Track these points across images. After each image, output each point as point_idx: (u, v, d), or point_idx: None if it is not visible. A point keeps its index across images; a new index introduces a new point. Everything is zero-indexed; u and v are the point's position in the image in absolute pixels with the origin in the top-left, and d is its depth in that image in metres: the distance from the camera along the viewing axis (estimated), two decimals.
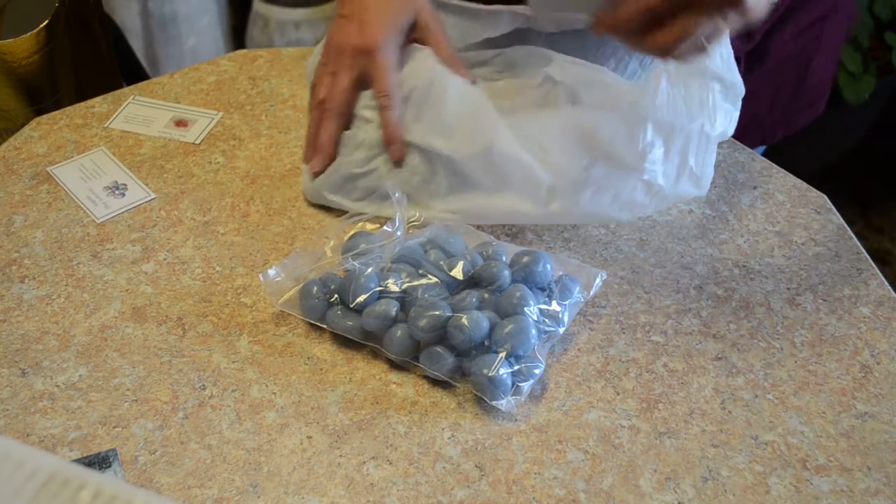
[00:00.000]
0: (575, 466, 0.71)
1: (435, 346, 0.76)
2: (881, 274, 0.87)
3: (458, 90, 0.87)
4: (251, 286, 0.83)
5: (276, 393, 0.75)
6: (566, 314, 0.79)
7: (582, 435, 0.73)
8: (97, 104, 1.02)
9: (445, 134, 0.86)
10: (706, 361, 0.79)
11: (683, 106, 0.83)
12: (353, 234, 0.84)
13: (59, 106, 1.04)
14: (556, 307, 0.78)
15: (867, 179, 2.18)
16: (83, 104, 1.02)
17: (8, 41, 1.11)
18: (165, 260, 0.86)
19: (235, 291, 0.83)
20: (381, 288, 0.78)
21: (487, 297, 0.78)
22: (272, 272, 0.81)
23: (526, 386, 0.74)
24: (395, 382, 0.76)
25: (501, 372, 0.73)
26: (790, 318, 0.83)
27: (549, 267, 0.80)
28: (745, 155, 0.99)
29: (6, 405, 0.74)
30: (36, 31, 1.12)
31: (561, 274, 0.81)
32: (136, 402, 0.74)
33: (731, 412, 0.75)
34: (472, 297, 0.77)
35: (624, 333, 0.81)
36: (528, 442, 0.73)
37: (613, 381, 0.77)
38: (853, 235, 0.91)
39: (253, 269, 0.85)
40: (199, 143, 0.98)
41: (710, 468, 0.71)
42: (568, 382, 0.77)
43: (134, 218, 0.90)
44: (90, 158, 0.96)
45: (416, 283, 0.78)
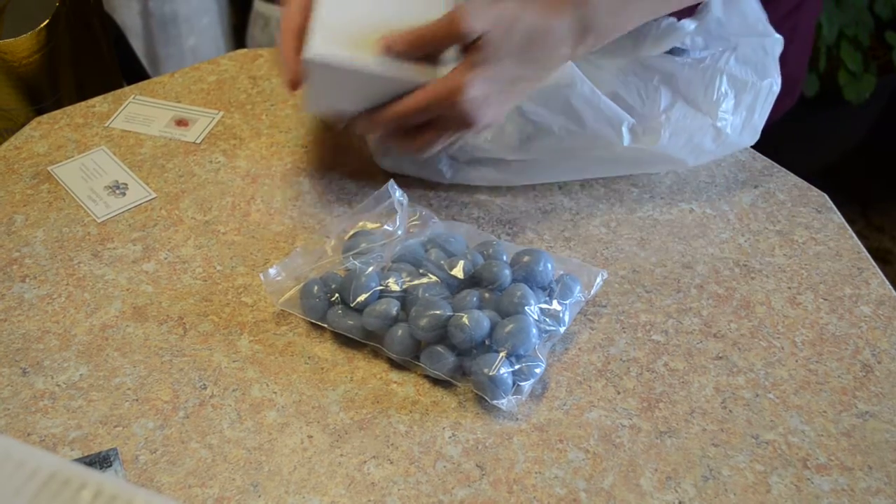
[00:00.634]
0: (576, 466, 0.71)
1: (436, 345, 0.76)
2: (882, 273, 0.87)
3: None
4: (252, 285, 0.83)
5: (276, 392, 0.75)
6: (567, 313, 0.79)
7: (583, 434, 0.73)
8: (98, 104, 1.02)
9: None
10: (707, 360, 0.79)
11: (754, 64, 0.91)
12: (353, 233, 0.84)
13: (59, 105, 1.04)
14: (556, 306, 0.78)
15: (868, 178, 2.18)
16: (84, 103, 1.02)
17: (8, 41, 1.11)
18: (166, 259, 0.86)
19: (236, 291, 0.83)
20: (381, 287, 0.78)
21: (488, 296, 0.78)
22: (273, 271, 0.81)
23: (527, 385, 0.74)
24: (395, 382, 0.76)
25: (502, 371, 0.73)
26: (791, 317, 0.83)
27: (549, 266, 0.80)
28: (745, 154, 0.99)
29: (7, 404, 0.74)
30: (36, 30, 1.12)
31: (562, 273, 0.81)
32: (136, 401, 0.74)
33: (731, 411, 0.75)
34: (472, 296, 0.77)
35: (625, 332, 0.81)
36: (528, 441, 0.73)
37: (614, 380, 0.77)
38: (854, 234, 0.91)
39: (254, 268, 0.85)
40: (199, 142, 0.98)
41: (710, 467, 0.71)
42: (569, 382, 0.77)
43: (135, 217, 0.90)
44: (91, 158, 0.96)
45: (416, 282, 0.78)
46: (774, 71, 0.92)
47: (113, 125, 1.00)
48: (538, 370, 0.75)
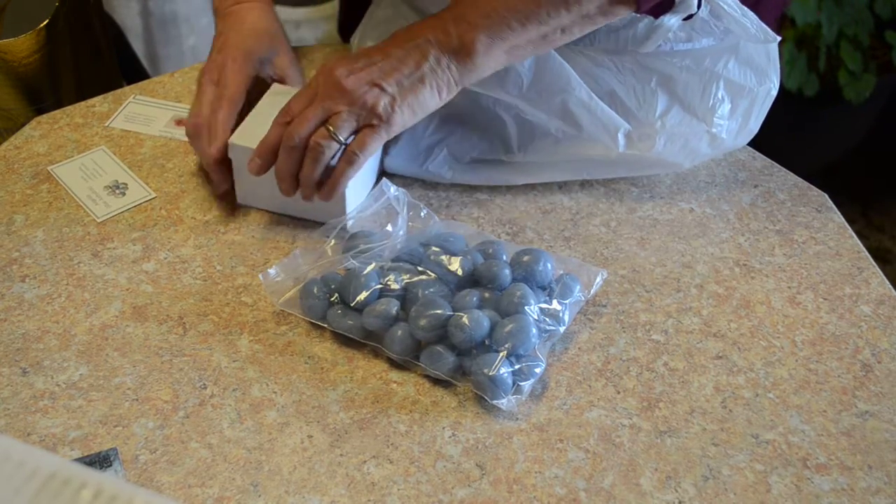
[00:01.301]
0: (576, 465, 0.71)
1: (436, 345, 0.76)
2: (882, 272, 0.87)
3: None
4: (252, 285, 0.83)
5: (276, 392, 0.75)
6: (567, 313, 0.79)
7: (583, 434, 0.73)
8: (97, 103, 1.02)
9: (516, 84, 0.89)
10: (707, 360, 0.79)
11: (754, 68, 0.90)
12: (353, 232, 0.84)
13: (59, 105, 1.04)
14: (556, 306, 0.78)
15: (868, 178, 2.18)
16: (83, 103, 1.02)
17: (8, 41, 1.11)
18: (166, 259, 0.86)
19: (236, 291, 0.83)
20: (381, 286, 0.78)
21: (488, 296, 0.78)
22: (272, 271, 0.81)
23: (527, 385, 0.74)
24: (395, 381, 0.76)
25: (502, 371, 0.73)
26: (791, 316, 0.83)
27: (549, 266, 0.80)
28: (745, 154, 0.99)
29: (7, 404, 0.74)
30: (36, 30, 1.12)
31: (561, 273, 0.81)
32: (136, 401, 0.74)
33: (731, 411, 0.75)
34: (472, 296, 0.77)
35: (625, 332, 0.81)
36: (528, 441, 0.73)
37: (614, 379, 0.77)
38: (854, 234, 0.91)
39: (253, 268, 0.85)
40: None
41: (710, 467, 0.71)
42: (569, 381, 0.77)
43: (134, 217, 0.90)
44: (91, 158, 0.96)
45: (416, 279, 0.78)
46: (774, 75, 0.91)
47: (113, 125, 1.00)
48: (538, 370, 0.75)
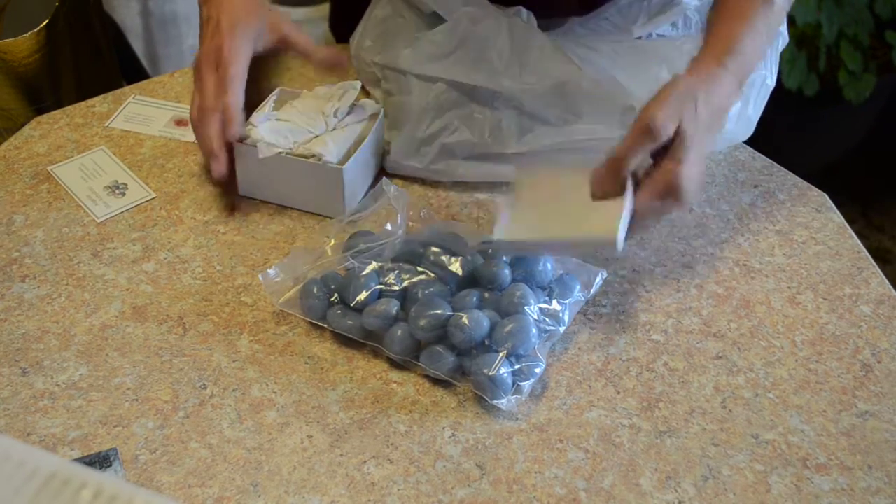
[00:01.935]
0: (575, 465, 0.71)
1: (435, 345, 0.76)
2: (882, 273, 0.87)
3: (513, 31, 0.91)
4: (251, 285, 0.83)
5: (276, 392, 0.75)
6: (567, 313, 0.79)
7: (582, 434, 0.73)
8: (97, 103, 1.02)
9: (511, 74, 0.89)
10: (707, 360, 0.79)
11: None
12: (353, 232, 0.84)
13: (59, 105, 1.04)
14: (556, 306, 0.78)
15: (868, 178, 2.18)
16: (83, 103, 1.02)
17: (8, 41, 1.11)
18: (166, 259, 0.86)
19: (236, 291, 0.83)
20: (381, 286, 0.78)
21: (488, 296, 0.78)
22: (272, 272, 0.81)
23: (526, 385, 0.74)
24: (395, 381, 0.76)
25: (502, 371, 0.73)
26: (791, 316, 0.83)
27: (549, 266, 0.80)
28: (745, 154, 0.99)
29: (7, 404, 0.74)
30: (36, 30, 1.12)
31: (561, 273, 0.81)
32: (136, 401, 0.74)
33: (731, 411, 0.75)
34: (472, 296, 0.77)
35: (624, 332, 0.81)
36: (528, 441, 0.73)
37: (614, 379, 0.77)
38: (853, 234, 0.91)
39: (253, 268, 0.85)
40: None
41: (710, 467, 0.71)
42: (568, 381, 0.77)
43: (134, 217, 0.90)
44: (90, 158, 0.96)
45: (416, 279, 0.78)
46: (773, 64, 0.92)
47: (113, 125, 1.00)
48: (538, 370, 0.75)
